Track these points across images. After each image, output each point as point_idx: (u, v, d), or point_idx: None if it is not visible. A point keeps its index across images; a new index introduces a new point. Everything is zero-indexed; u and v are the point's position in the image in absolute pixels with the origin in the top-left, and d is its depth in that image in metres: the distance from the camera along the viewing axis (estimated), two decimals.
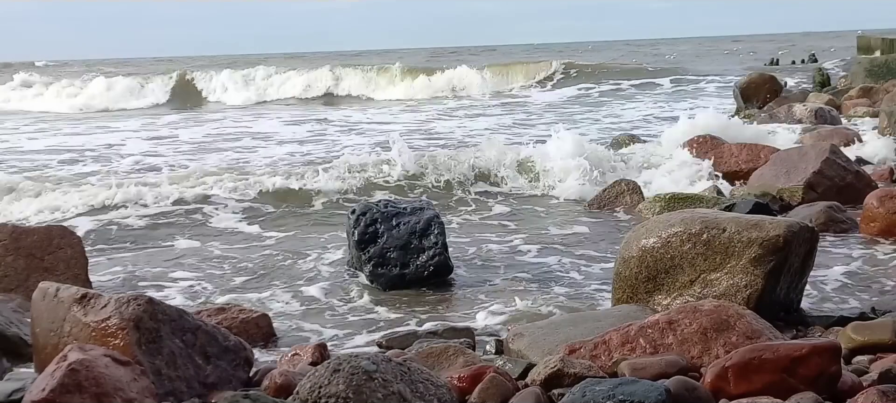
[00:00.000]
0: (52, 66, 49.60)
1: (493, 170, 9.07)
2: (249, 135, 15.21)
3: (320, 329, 4.86)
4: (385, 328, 4.80)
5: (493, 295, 5.36)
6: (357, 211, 6.01)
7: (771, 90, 14.98)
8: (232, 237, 7.26)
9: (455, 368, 3.68)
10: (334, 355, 3.89)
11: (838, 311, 4.61)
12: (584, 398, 3.05)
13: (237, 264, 6.38)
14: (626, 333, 3.74)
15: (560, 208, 7.91)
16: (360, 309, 5.22)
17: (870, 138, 9.98)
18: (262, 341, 4.56)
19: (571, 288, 5.46)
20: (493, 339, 4.40)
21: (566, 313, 4.84)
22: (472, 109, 20.64)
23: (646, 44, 63.07)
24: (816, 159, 7.65)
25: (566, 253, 6.30)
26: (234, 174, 9.42)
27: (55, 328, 3.65)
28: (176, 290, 5.73)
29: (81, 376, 3.03)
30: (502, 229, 7.27)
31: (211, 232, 7.41)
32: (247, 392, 3.20)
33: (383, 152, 11.09)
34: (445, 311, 5.11)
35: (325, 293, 5.55)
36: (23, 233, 5.60)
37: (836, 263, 5.62)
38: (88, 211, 7.91)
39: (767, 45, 45.99)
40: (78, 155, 13.07)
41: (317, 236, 7.16)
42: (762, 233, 4.38)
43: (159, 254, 6.79)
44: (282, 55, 56.20)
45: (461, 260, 6.15)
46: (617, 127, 14.94)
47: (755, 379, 3.18)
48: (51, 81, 32.87)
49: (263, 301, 5.40)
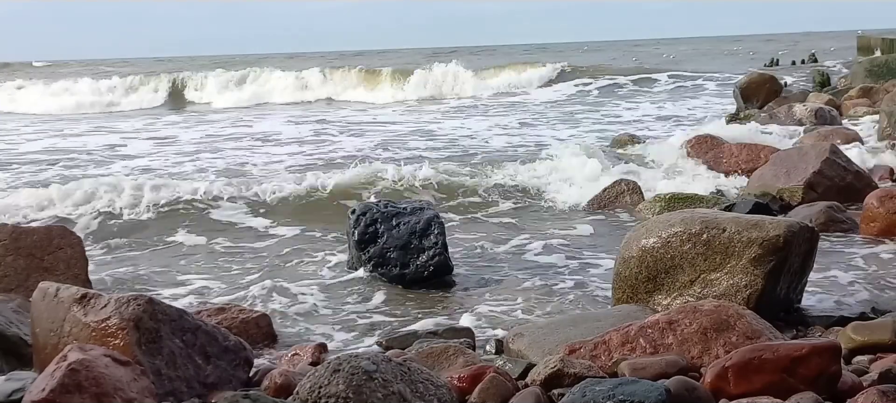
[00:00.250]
0: (49, 65, 49.56)
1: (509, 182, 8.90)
2: (249, 136, 15.21)
3: (320, 329, 4.86)
4: (385, 328, 4.80)
5: (494, 294, 5.36)
6: (357, 211, 6.01)
7: (771, 90, 14.97)
8: (231, 237, 7.26)
9: (455, 368, 3.68)
10: (334, 355, 3.90)
11: (838, 311, 4.61)
12: (584, 398, 3.05)
13: (237, 264, 6.39)
14: (626, 333, 3.74)
15: (560, 208, 7.91)
16: (361, 310, 5.21)
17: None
18: (262, 341, 4.56)
19: (571, 287, 5.46)
20: (493, 339, 4.40)
21: (566, 313, 4.85)
22: (473, 110, 20.62)
23: (646, 44, 63.06)
24: (816, 159, 7.64)
25: (566, 253, 6.30)
26: (234, 174, 9.43)
27: (55, 328, 3.65)
28: (176, 290, 5.73)
29: (81, 376, 3.03)
30: (502, 229, 7.27)
31: (211, 232, 7.41)
32: (247, 392, 3.20)
33: (383, 152, 11.15)
34: (445, 311, 5.10)
35: (325, 293, 5.55)
36: (23, 233, 5.60)
37: (836, 263, 5.62)
38: (88, 212, 7.91)
39: (767, 45, 45.98)
40: (77, 155, 13.07)
41: (317, 236, 7.16)
42: (762, 233, 4.38)
43: (159, 254, 6.79)
44: (282, 55, 56.19)
45: (461, 260, 6.15)
46: (617, 127, 14.94)
47: (755, 379, 3.18)
48: (49, 81, 32.87)
49: (264, 301, 5.40)
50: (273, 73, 30.71)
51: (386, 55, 54.75)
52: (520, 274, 5.82)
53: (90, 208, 7.93)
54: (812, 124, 11.54)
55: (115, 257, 6.78)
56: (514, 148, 12.33)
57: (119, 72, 35.11)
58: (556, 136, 13.83)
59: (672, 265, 4.53)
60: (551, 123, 16.26)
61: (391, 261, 5.70)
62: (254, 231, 7.41)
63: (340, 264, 6.15)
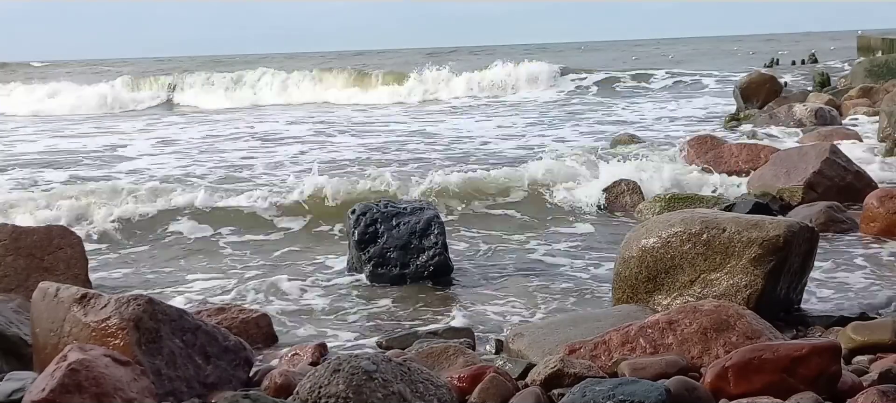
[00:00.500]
0: (47, 65, 49.55)
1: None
2: (249, 136, 15.21)
3: (320, 329, 4.86)
4: (385, 328, 4.80)
5: (494, 295, 5.36)
6: (357, 211, 6.01)
7: (771, 90, 14.98)
8: (231, 238, 7.26)
9: (455, 368, 3.68)
10: (334, 355, 3.90)
11: (838, 311, 4.61)
12: (584, 398, 3.05)
13: (237, 264, 6.39)
14: (626, 333, 3.74)
15: (560, 208, 7.91)
16: (361, 310, 5.21)
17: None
18: (262, 341, 4.56)
19: (571, 287, 5.46)
20: (493, 339, 4.40)
21: (566, 313, 4.85)
22: (474, 111, 20.60)
23: (646, 44, 63.04)
24: (816, 159, 7.65)
25: (566, 254, 6.30)
26: (234, 174, 9.42)
27: (55, 328, 3.65)
28: (176, 290, 5.73)
29: (81, 376, 3.03)
30: (503, 228, 7.27)
31: (211, 232, 7.41)
32: (247, 392, 3.20)
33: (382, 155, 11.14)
34: (445, 311, 5.10)
35: (325, 293, 5.55)
36: (23, 233, 5.60)
37: (837, 263, 5.62)
38: (88, 212, 7.90)
39: (767, 45, 45.98)
40: (76, 156, 13.07)
41: (317, 236, 7.16)
42: (762, 233, 4.38)
43: (159, 254, 6.79)
44: (282, 55, 56.16)
45: (461, 259, 6.15)
46: (616, 127, 14.93)
47: (755, 379, 3.18)
48: (47, 81, 32.82)
49: (264, 301, 5.40)
50: (276, 75, 30.36)
51: (387, 55, 54.74)
52: (520, 274, 5.83)
53: (91, 209, 7.92)
54: (812, 124, 11.55)
55: (116, 257, 6.78)
56: (513, 148, 12.33)
57: (118, 72, 35.04)
58: (555, 136, 13.82)
59: (672, 265, 4.53)
60: (551, 123, 16.25)
61: (391, 261, 5.70)
62: (254, 232, 7.40)
63: (341, 264, 6.15)
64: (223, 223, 7.58)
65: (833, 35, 52.94)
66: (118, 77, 31.68)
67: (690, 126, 14.46)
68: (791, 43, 47.71)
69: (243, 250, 6.81)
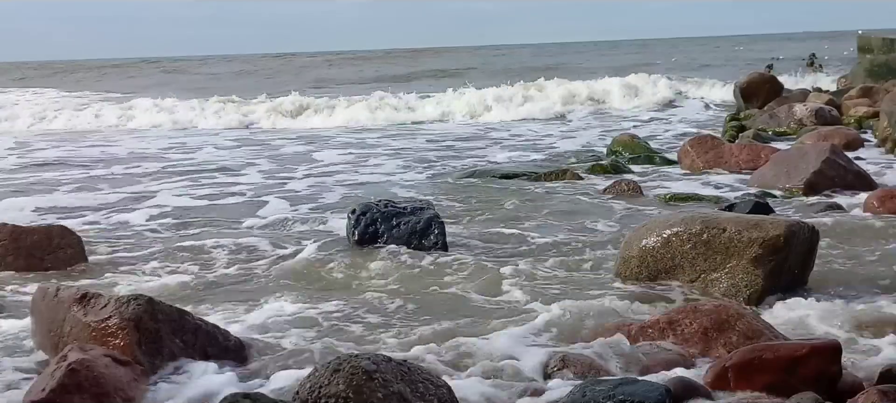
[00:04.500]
0: (46, 65, 49.53)
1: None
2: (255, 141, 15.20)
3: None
4: None
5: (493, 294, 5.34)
6: (357, 211, 6.00)
7: (771, 90, 14.97)
8: (231, 237, 7.24)
9: None
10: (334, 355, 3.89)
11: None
12: (585, 397, 3.04)
13: (237, 264, 6.37)
14: (627, 332, 3.74)
15: (561, 208, 7.90)
16: None
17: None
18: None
19: (572, 287, 5.44)
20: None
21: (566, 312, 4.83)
22: (475, 119, 20.51)
23: (646, 43, 63.04)
24: (816, 159, 7.65)
25: (567, 253, 6.29)
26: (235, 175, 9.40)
27: (55, 328, 3.65)
28: (176, 290, 5.71)
29: (81, 376, 3.02)
30: (503, 227, 7.25)
31: (211, 232, 7.40)
32: (247, 393, 3.20)
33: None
34: None
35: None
36: (23, 233, 5.61)
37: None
38: (89, 212, 7.91)
39: (767, 45, 45.95)
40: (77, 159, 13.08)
41: (317, 236, 7.15)
42: (762, 233, 4.38)
43: (159, 254, 6.78)
44: (282, 55, 56.12)
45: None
46: (616, 127, 14.93)
47: (755, 379, 3.18)
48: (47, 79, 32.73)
49: (264, 300, 5.38)
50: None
51: (387, 55, 54.68)
52: (520, 273, 5.80)
53: (91, 208, 7.92)
54: (812, 124, 11.54)
55: (116, 257, 6.77)
56: (513, 149, 12.33)
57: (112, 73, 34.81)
58: (555, 137, 13.81)
59: (672, 265, 4.52)
60: (550, 122, 16.24)
61: None
62: (253, 231, 7.39)
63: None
64: (222, 222, 7.57)
65: (833, 35, 52.94)
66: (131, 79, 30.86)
67: (690, 127, 14.47)
68: (791, 43, 47.68)
69: (243, 250, 6.78)
